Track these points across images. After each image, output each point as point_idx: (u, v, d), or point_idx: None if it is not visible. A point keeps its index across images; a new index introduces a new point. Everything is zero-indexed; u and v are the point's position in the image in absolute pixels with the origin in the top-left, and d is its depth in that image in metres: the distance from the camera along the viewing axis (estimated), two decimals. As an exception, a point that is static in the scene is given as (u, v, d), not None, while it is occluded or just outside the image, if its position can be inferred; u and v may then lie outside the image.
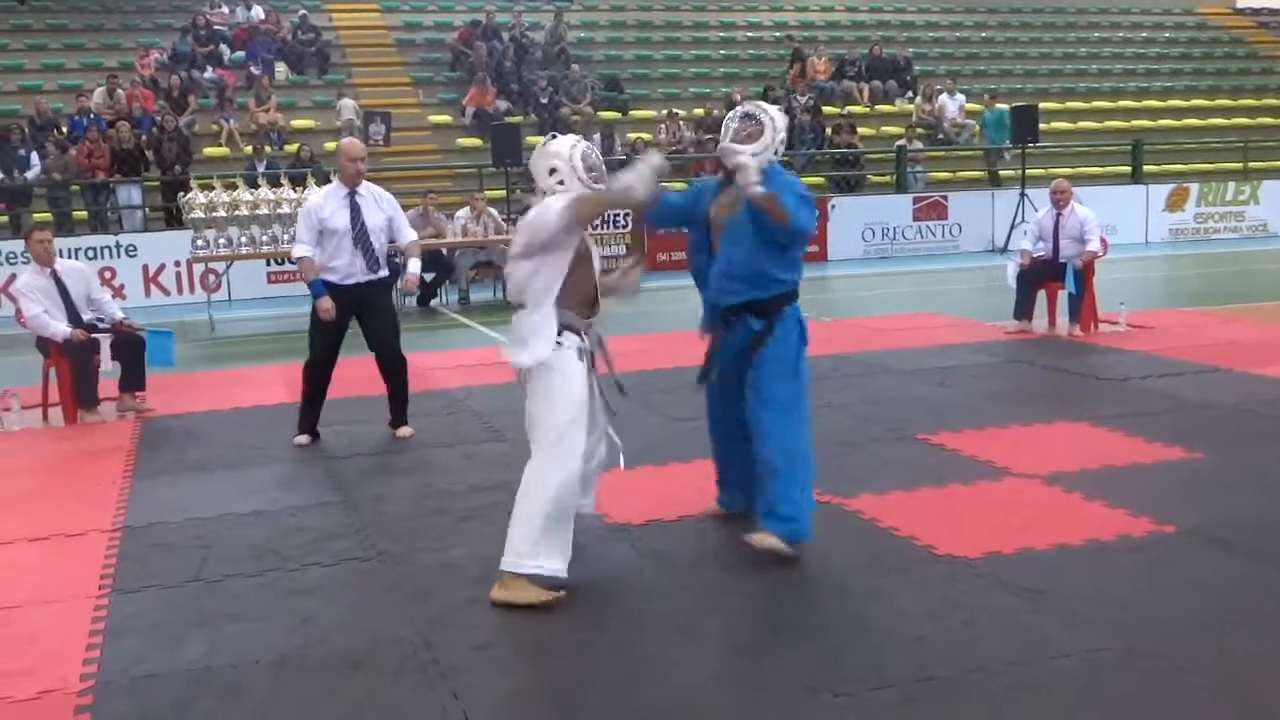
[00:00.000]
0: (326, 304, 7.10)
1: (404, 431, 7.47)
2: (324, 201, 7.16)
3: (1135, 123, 23.97)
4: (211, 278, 14.51)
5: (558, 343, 4.56)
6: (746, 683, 3.86)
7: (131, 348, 8.50)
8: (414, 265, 7.71)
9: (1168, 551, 4.92)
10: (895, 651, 4.04)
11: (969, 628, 4.21)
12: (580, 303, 4.70)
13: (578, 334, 4.69)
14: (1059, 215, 10.44)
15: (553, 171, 4.69)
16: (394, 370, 7.47)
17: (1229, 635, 4.07)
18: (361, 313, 7.28)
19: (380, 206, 7.30)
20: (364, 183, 7.25)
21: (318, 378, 7.40)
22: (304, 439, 7.38)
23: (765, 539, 4.90)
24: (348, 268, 7.15)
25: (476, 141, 20.24)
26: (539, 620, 4.42)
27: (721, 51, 25.14)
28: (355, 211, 7.13)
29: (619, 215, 17.77)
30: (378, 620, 4.49)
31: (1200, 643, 4.01)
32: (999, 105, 21.75)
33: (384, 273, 7.37)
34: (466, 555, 5.16)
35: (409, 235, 7.61)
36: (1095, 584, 4.57)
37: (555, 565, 4.51)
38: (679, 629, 4.30)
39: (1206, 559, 4.83)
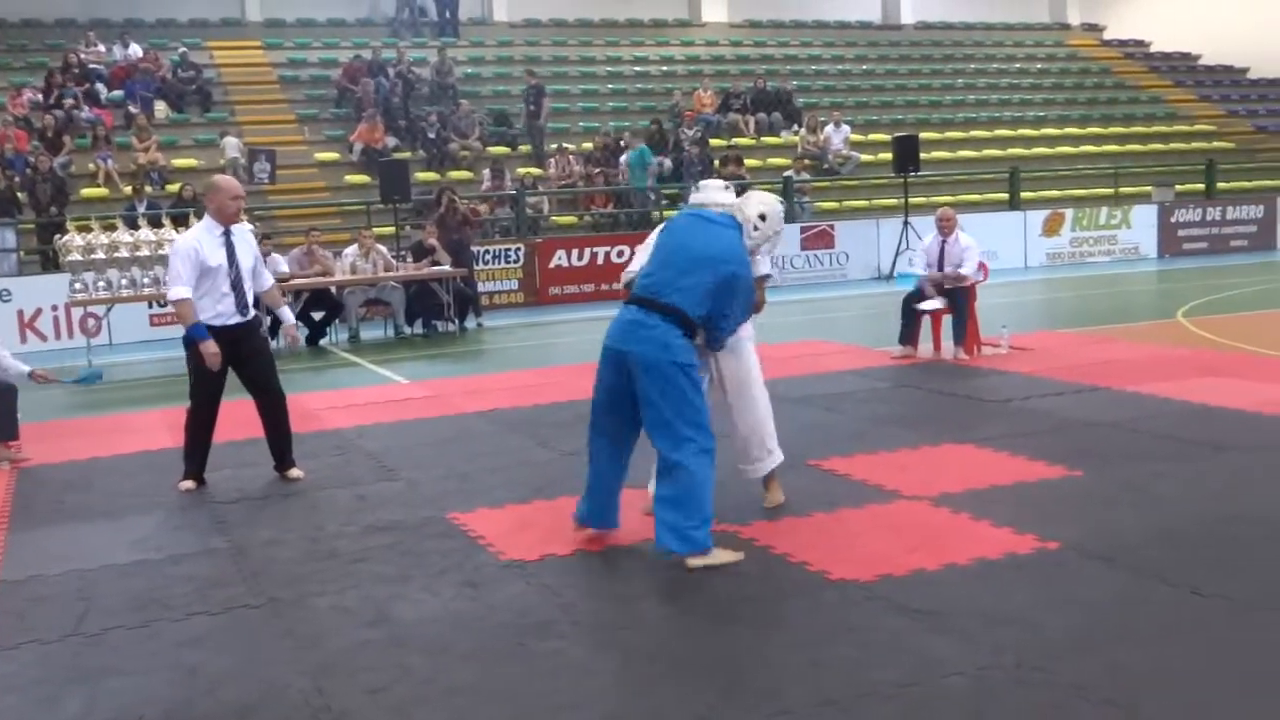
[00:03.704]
0: (212, 348, 6.88)
1: (295, 473, 7.30)
2: (201, 241, 6.97)
3: (1011, 151, 24.70)
4: (91, 321, 14.12)
5: None
6: (642, 716, 3.84)
7: (2, 397, 8.21)
8: (286, 315, 7.55)
9: (1053, 568, 5.04)
10: (791, 677, 4.06)
11: (863, 650, 4.25)
12: None
13: None
14: (944, 242, 10.68)
15: (763, 217, 5.64)
16: (275, 409, 7.28)
17: (1115, 649, 4.16)
18: (238, 354, 7.09)
19: (250, 246, 7.19)
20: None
21: (204, 423, 7.20)
22: (189, 485, 7.18)
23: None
24: (225, 309, 6.98)
25: (364, 178, 20.06)
26: (433, 662, 4.35)
27: (609, 86, 25.33)
28: (231, 251, 6.99)
29: (510, 250, 17.76)
30: (268, 668, 4.38)
31: (1087, 657, 4.10)
32: (641, 145, 20.74)
33: (255, 312, 7.24)
34: (359, 598, 5.07)
35: (268, 281, 7.44)
36: (984, 602, 4.65)
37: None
38: (573, 665, 4.28)
39: (1090, 574, 4.95)
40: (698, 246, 5.36)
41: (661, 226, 5.84)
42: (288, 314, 7.57)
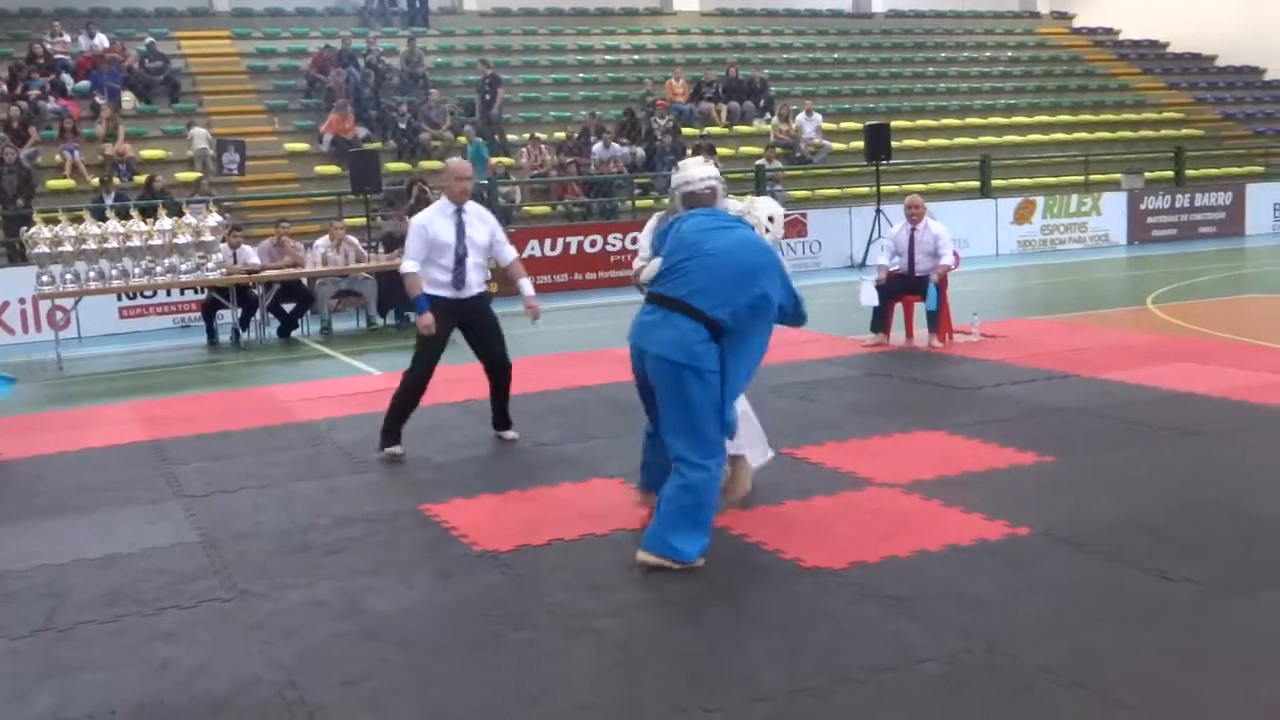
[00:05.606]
0: (427, 320, 7.29)
1: (510, 434, 7.75)
2: (432, 219, 7.36)
3: (982, 139, 24.79)
4: (59, 314, 14.00)
5: None
6: (617, 705, 3.86)
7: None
8: (527, 287, 7.75)
9: (1023, 553, 5.07)
10: (766, 665, 4.07)
11: (837, 637, 4.28)
12: None
13: None
14: (914, 230, 10.71)
15: (771, 219, 5.83)
16: (504, 377, 7.72)
17: (1084, 633, 4.20)
18: (467, 326, 7.55)
19: (485, 224, 7.54)
20: (468, 201, 7.48)
21: (419, 388, 7.52)
22: (398, 449, 7.40)
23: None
24: (444, 282, 7.35)
25: (335, 169, 19.94)
26: (407, 653, 4.35)
27: (580, 75, 25.26)
28: (461, 229, 7.33)
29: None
30: (241, 662, 4.37)
31: (1058, 641, 4.14)
32: (477, 139, 20.25)
33: (484, 287, 7.66)
34: (332, 590, 5.06)
35: (510, 254, 7.80)
36: (956, 588, 4.68)
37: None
38: (548, 656, 4.28)
39: (1060, 559, 4.99)
40: (740, 259, 5.12)
41: (668, 218, 5.75)
42: (528, 286, 7.76)
